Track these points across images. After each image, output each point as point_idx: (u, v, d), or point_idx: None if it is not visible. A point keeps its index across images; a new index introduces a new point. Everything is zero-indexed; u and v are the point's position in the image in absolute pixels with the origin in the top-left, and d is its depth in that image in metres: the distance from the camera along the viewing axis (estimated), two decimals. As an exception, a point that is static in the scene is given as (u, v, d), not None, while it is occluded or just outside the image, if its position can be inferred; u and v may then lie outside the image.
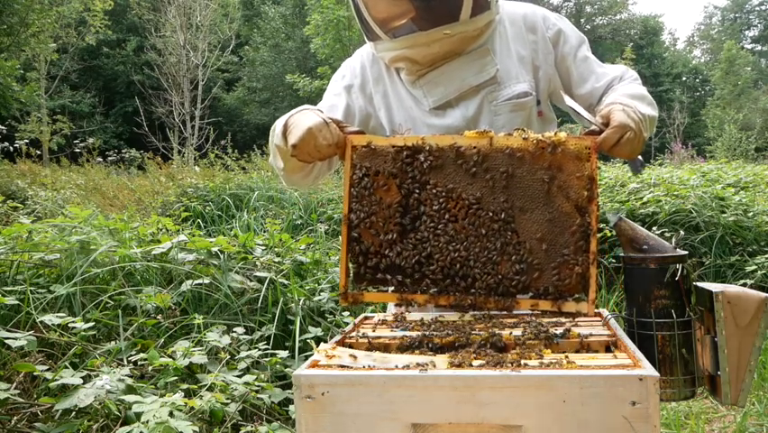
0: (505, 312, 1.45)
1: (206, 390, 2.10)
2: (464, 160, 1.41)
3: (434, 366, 1.13)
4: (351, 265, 1.47)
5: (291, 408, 2.28)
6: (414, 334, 1.34)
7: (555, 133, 1.39)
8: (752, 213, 4.98)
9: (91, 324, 2.36)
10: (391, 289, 1.47)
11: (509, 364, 1.11)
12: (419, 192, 1.43)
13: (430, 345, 1.30)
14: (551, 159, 1.38)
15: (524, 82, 1.67)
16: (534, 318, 1.43)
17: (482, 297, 1.40)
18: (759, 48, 46.96)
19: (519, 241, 1.39)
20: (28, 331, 2.25)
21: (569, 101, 1.54)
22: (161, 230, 3.70)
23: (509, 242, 1.39)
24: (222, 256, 3.10)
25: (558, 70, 1.70)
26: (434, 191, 1.42)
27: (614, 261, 4.15)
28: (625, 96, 1.51)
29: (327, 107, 1.75)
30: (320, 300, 3.11)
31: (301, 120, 1.47)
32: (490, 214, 1.39)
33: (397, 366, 1.14)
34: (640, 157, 1.51)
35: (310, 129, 1.42)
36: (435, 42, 1.56)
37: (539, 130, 1.72)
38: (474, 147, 1.41)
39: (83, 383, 1.96)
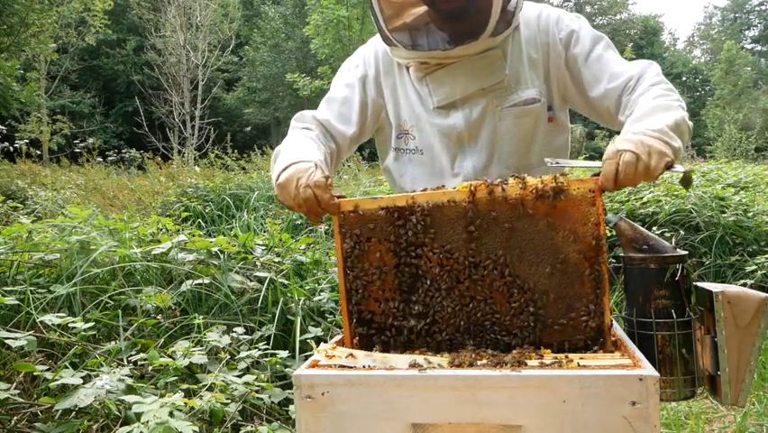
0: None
1: (206, 390, 2.10)
2: (459, 217, 1.29)
3: (434, 366, 1.13)
4: (356, 331, 1.37)
5: (291, 408, 2.28)
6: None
7: (555, 178, 1.26)
8: (752, 213, 4.98)
9: (91, 324, 2.36)
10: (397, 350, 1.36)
11: (509, 364, 1.11)
12: (416, 256, 1.31)
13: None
14: (553, 206, 1.25)
15: (532, 88, 1.61)
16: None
17: (491, 356, 1.25)
18: (759, 48, 46.95)
19: (526, 297, 1.27)
20: (28, 331, 2.25)
21: (560, 162, 1.40)
22: (161, 230, 3.69)
23: (516, 299, 1.28)
24: (222, 256, 3.10)
25: (570, 73, 1.61)
26: (431, 254, 1.30)
27: (614, 261, 4.16)
28: (636, 118, 1.35)
29: (341, 100, 1.72)
30: (320, 300, 3.11)
31: (293, 174, 1.41)
32: (494, 272, 1.28)
33: (395, 367, 1.14)
34: (680, 168, 1.26)
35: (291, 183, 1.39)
36: (449, 58, 1.57)
37: (548, 137, 1.66)
38: (468, 202, 1.29)
39: (83, 383, 1.96)
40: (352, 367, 1.15)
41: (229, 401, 2.08)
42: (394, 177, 1.79)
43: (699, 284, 1.29)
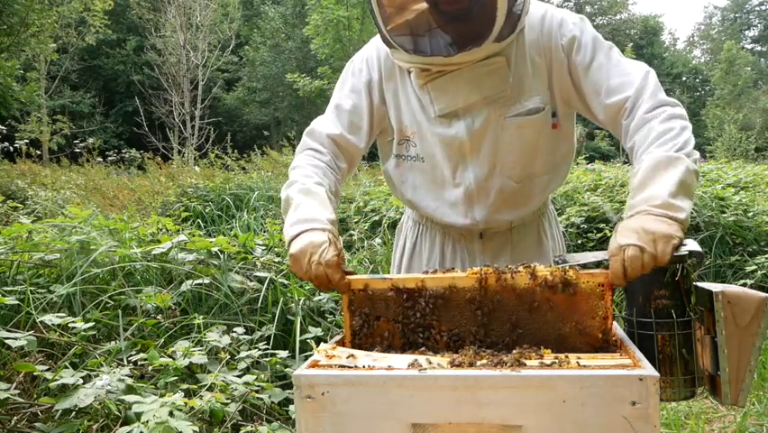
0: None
1: (206, 390, 2.10)
2: (468, 302, 1.30)
3: (434, 366, 1.13)
4: None
5: (291, 408, 2.28)
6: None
7: (565, 271, 1.26)
8: (752, 213, 4.98)
9: (91, 324, 2.36)
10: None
11: (509, 364, 1.11)
12: (424, 337, 1.32)
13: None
14: (562, 298, 1.26)
15: (536, 96, 1.55)
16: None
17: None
18: (759, 48, 47.00)
19: None
20: (28, 331, 2.25)
21: (567, 259, 1.39)
22: (161, 230, 3.70)
23: None
24: (222, 256, 3.10)
25: (571, 80, 1.54)
26: (439, 336, 1.31)
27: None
28: (637, 185, 1.29)
29: (350, 108, 1.67)
30: (320, 300, 3.11)
31: (304, 243, 1.41)
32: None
33: (395, 367, 1.14)
34: (691, 244, 1.23)
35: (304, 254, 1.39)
36: (452, 64, 1.51)
37: (552, 145, 1.62)
38: (477, 289, 1.29)
39: (83, 383, 1.96)
40: (352, 367, 1.15)
41: (229, 401, 2.08)
42: (395, 183, 1.76)
43: (699, 284, 1.29)
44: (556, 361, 1.13)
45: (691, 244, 1.23)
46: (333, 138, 1.65)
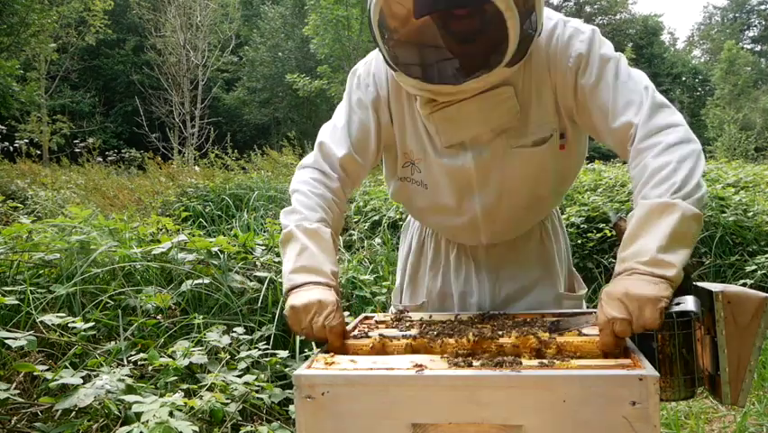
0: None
1: (206, 390, 2.10)
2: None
3: (435, 366, 1.13)
4: None
5: (291, 408, 2.28)
6: (414, 333, 1.34)
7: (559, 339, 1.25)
8: (752, 213, 4.98)
9: (91, 324, 2.36)
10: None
11: (509, 364, 1.11)
12: None
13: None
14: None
15: (544, 124, 1.48)
16: (535, 318, 1.43)
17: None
18: (759, 48, 47.01)
19: None
20: (28, 331, 2.25)
21: (560, 326, 1.36)
22: (161, 230, 3.70)
23: None
24: (222, 256, 3.10)
25: (576, 104, 1.46)
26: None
27: (614, 261, 4.15)
28: (628, 237, 1.22)
29: (358, 124, 1.60)
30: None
31: (305, 298, 1.35)
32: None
33: (395, 367, 1.14)
34: (688, 304, 1.18)
35: (306, 308, 1.34)
36: (461, 93, 1.42)
37: (559, 167, 1.56)
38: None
39: (83, 383, 1.96)
40: (352, 367, 1.15)
41: (229, 401, 2.08)
42: (400, 200, 1.74)
43: (699, 284, 1.29)
44: (556, 361, 1.13)
45: (689, 303, 1.18)
46: (342, 163, 1.59)
